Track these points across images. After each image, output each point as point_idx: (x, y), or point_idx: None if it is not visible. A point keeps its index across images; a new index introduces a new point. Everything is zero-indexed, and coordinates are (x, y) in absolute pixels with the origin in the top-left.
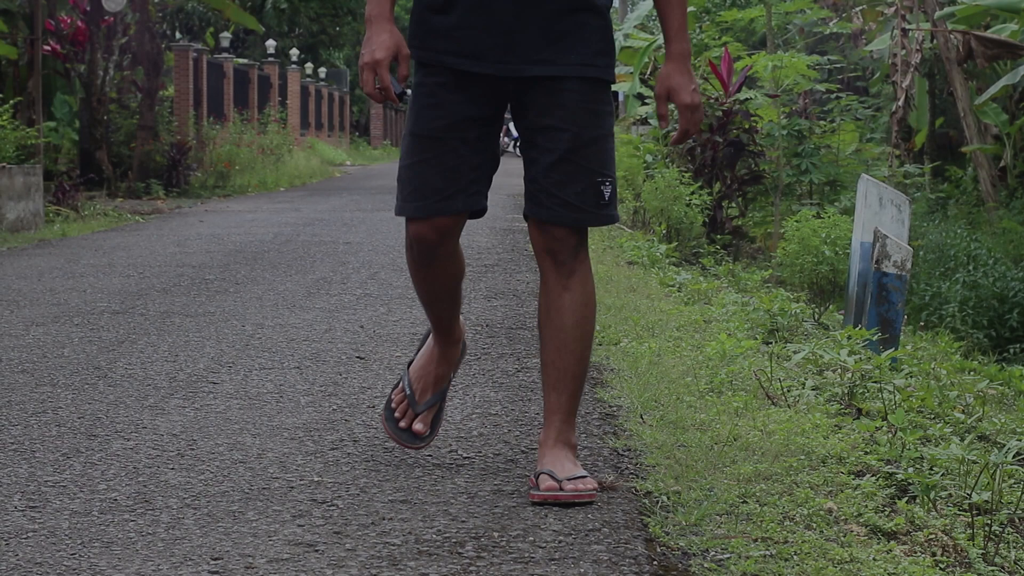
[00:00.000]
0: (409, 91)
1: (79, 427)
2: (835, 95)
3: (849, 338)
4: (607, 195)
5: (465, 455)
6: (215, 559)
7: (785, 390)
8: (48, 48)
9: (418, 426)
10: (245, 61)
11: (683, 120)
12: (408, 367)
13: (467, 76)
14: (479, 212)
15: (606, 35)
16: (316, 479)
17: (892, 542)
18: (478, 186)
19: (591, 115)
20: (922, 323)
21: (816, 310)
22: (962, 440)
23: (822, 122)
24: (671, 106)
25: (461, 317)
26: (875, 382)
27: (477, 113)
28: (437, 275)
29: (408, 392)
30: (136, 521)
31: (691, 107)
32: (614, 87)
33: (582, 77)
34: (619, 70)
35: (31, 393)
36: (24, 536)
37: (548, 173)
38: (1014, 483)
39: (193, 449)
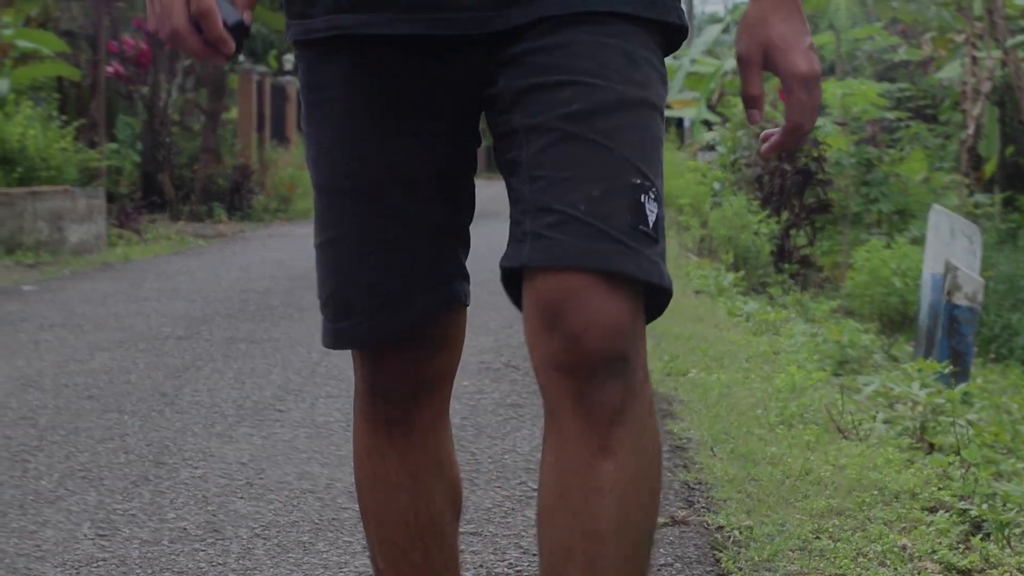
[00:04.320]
0: (246, 20)
1: (147, 455)
2: (904, 123)
3: (920, 371)
4: (651, 216)
5: (534, 487)
6: None
7: (856, 423)
8: (111, 70)
9: None
10: None
11: (794, 107)
12: None
13: (404, 52)
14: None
15: None
16: None
17: None
18: (449, 263)
19: (619, 59)
20: (992, 355)
21: (886, 342)
22: None
23: (891, 150)
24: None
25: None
26: (947, 416)
27: (433, 126)
28: (400, 487)
29: None
30: (206, 551)
31: (807, 79)
32: (679, 112)
33: (610, 12)
34: (684, 96)
35: (98, 420)
36: (95, 565)
37: (539, 168)
38: None
39: (262, 478)
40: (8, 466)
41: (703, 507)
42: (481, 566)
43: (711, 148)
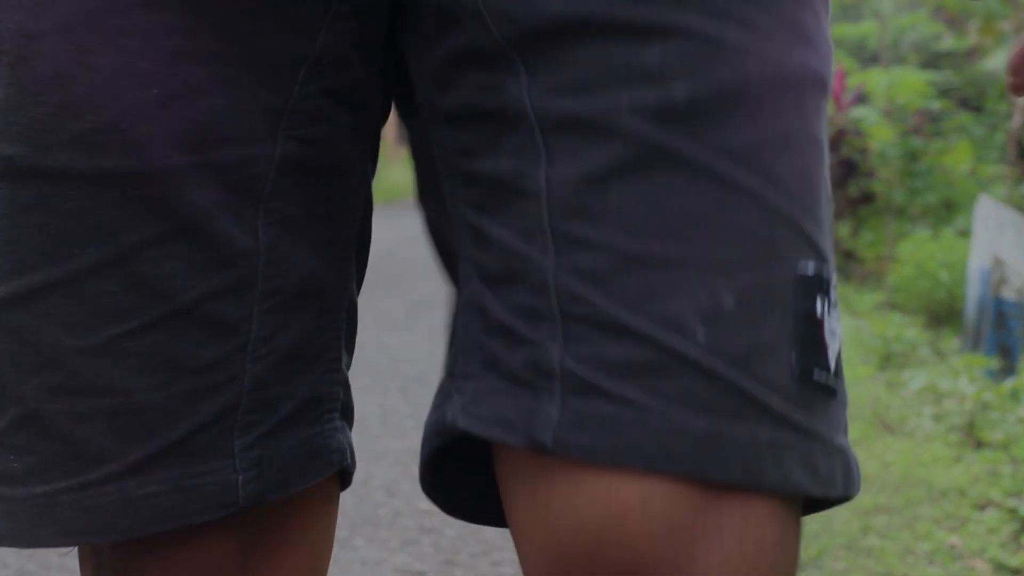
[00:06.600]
0: None
1: None
2: (949, 113)
3: (967, 365)
4: (832, 345)
5: None
6: None
7: (902, 419)
8: None
9: None
10: None
11: None
12: None
13: None
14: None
15: None
16: (424, 506)
17: None
18: (323, 365)
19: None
20: None
21: (932, 336)
22: None
23: (936, 140)
24: None
25: None
26: (995, 412)
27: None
28: None
29: None
30: None
31: None
32: None
33: None
34: None
35: None
36: None
37: (585, 218)
38: None
39: None
40: None
41: None
42: None
43: None
